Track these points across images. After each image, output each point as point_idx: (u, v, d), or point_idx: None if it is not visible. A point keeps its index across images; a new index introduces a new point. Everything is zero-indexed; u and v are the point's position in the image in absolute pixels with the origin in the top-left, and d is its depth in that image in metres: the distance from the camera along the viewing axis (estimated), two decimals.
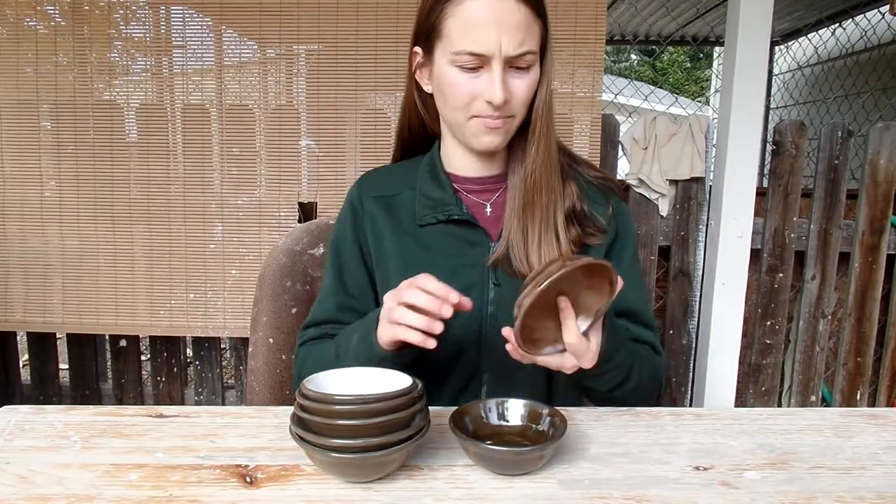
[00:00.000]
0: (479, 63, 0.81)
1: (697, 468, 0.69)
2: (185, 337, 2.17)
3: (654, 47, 5.77)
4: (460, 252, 0.91)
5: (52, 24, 1.84)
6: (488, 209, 0.94)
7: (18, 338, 2.24)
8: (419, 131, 0.99)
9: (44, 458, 0.69)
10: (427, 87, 0.90)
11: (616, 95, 2.93)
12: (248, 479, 0.65)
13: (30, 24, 1.85)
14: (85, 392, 2.19)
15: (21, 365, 2.28)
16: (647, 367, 0.89)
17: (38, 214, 1.90)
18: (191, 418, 0.79)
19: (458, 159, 0.94)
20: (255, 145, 1.87)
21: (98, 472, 0.66)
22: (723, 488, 0.65)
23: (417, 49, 0.88)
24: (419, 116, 0.96)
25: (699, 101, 9.18)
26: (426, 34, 0.85)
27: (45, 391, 2.20)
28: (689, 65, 12.73)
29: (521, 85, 0.83)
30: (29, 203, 1.89)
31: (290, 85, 1.88)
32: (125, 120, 1.87)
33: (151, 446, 0.72)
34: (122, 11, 1.85)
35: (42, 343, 2.16)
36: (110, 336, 2.14)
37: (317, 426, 0.62)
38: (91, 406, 0.82)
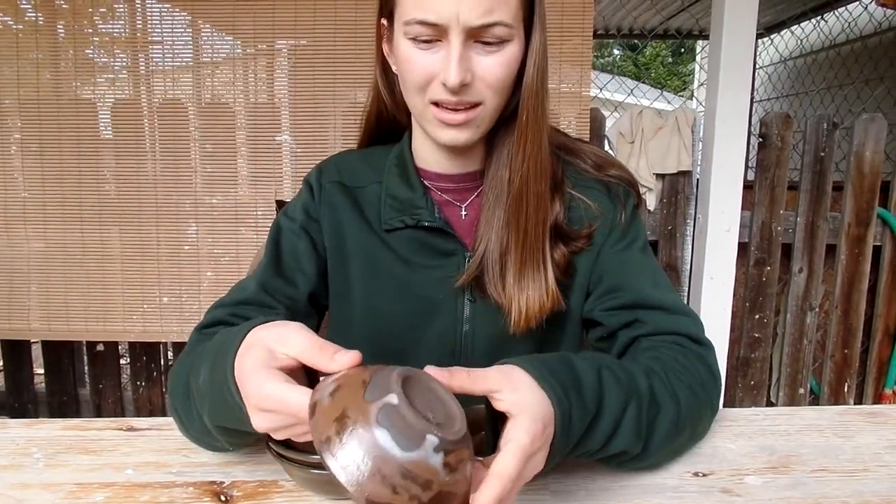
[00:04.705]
0: (435, 35, 0.66)
1: (696, 474, 0.66)
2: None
3: (637, 41, 5.76)
4: (431, 263, 0.79)
5: (26, 19, 1.77)
6: (463, 212, 0.81)
7: None
8: (389, 119, 0.84)
9: (3, 478, 0.64)
10: (395, 67, 0.76)
11: (601, 89, 2.91)
12: (222, 498, 0.61)
13: (2, 19, 1.78)
14: (62, 398, 2.13)
15: None
16: (671, 384, 0.65)
17: (1, 215, 1.83)
18: (163, 431, 0.74)
19: (429, 153, 0.80)
20: (233, 142, 1.82)
21: (61, 493, 0.62)
22: (723, 495, 0.62)
23: (383, 20, 0.75)
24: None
25: (682, 96, 9.22)
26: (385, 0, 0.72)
27: (20, 398, 2.14)
28: (671, 59, 12.78)
29: (490, 64, 0.68)
30: None
31: (269, 81, 1.83)
32: (98, 117, 1.81)
33: (120, 462, 0.68)
34: (98, 7, 1.79)
35: (16, 349, 2.10)
36: (87, 341, 2.08)
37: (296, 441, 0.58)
38: (57, 419, 0.78)
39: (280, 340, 0.52)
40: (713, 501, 0.61)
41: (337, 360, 0.49)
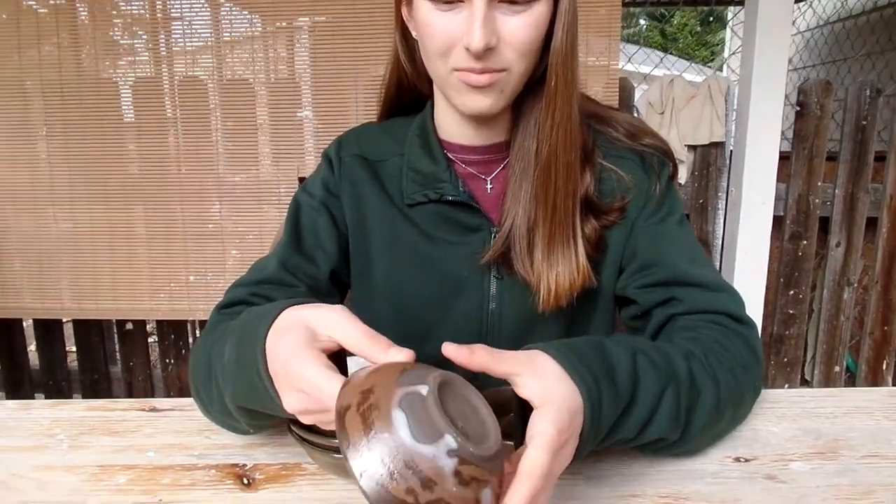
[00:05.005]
0: None
1: (738, 459, 0.63)
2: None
3: (664, 10, 5.57)
4: (456, 239, 0.76)
5: (49, 2, 1.76)
6: (489, 185, 0.77)
7: (25, 325, 2.21)
8: (410, 89, 0.80)
9: (27, 460, 0.64)
10: (414, 32, 0.72)
11: (630, 59, 2.81)
12: (244, 481, 0.60)
13: (26, 2, 1.78)
14: (94, 376, 2.17)
15: (30, 351, 2.25)
16: (711, 367, 0.62)
17: (30, 197, 1.84)
18: (186, 412, 0.73)
19: (452, 124, 0.76)
20: (254, 120, 1.80)
21: (84, 476, 0.61)
22: (768, 482, 0.59)
23: None
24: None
25: (710, 67, 8.95)
26: None
27: (53, 376, 2.18)
28: (699, 29, 12.40)
29: (518, 26, 0.63)
30: (19, 185, 1.84)
31: (289, 58, 1.80)
32: (120, 97, 1.80)
33: (142, 444, 0.67)
34: None
35: (48, 328, 2.13)
36: (116, 319, 2.10)
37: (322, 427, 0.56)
38: (81, 400, 0.77)
39: (324, 323, 0.49)
40: (757, 489, 0.58)
41: (391, 355, 0.46)
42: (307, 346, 0.48)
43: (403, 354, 0.46)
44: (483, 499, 0.40)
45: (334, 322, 0.49)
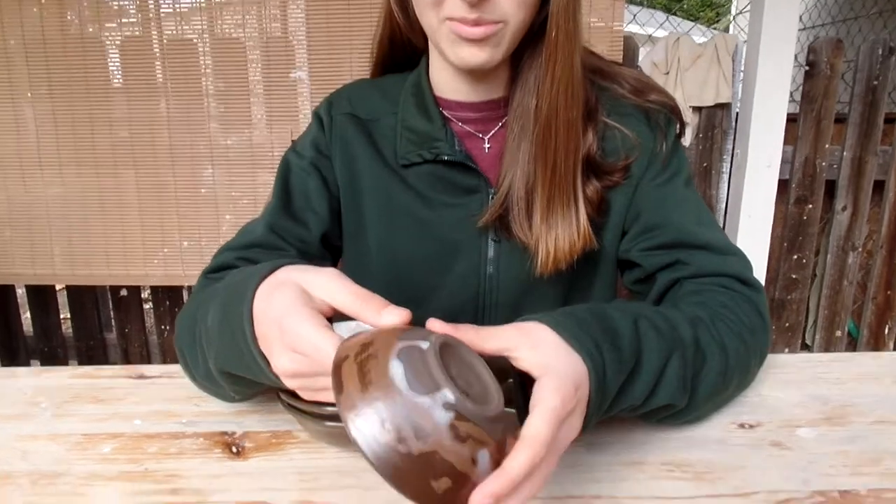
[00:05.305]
0: None
1: (743, 426, 0.61)
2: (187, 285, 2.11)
3: None
4: (452, 200, 0.73)
5: None
6: (486, 145, 0.74)
7: (19, 292, 2.19)
8: (404, 44, 0.76)
9: (10, 429, 0.62)
10: None
11: (634, 18, 2.73)
12: (233, 449, 0.58)
13: None
14: (90, 342, 2.16)
15: (25, 319, 2.24)
16: (719, 332, 0.59)
17: (17, 161, 1.80)
18: (174, 379, 0.71)
19: (448, 79, 0.72)
20: (246, 82, 1.74)
21: (68, 445, 0.59)
22: (774, 449, 0.57)
23: None
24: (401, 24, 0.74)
25: (716, 29, 8.76)
26: None
27: (49, 343, 2.17)
28: None
29: None
30: (5, 148, 1.79)
31: (282, 16, 1.74)
32: (107, 58, 1.75)
33: (129, 412, 0.65)
34: None
35: (41, 294, 2.11)
36: (110, 286, 2.08)
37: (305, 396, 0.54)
38: (66, 367, 0.75)
39: (316, 284, 0.46)
40: (763, 456, 0.56)
41: (385, 316, 0.43)
42: (303, 305, 0.45)
43: (398, 314, 0.43)
44: (480, 460, 0.38)
45: (325, 282, 0.46)
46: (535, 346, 0.45)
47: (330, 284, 0.46)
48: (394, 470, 0.36)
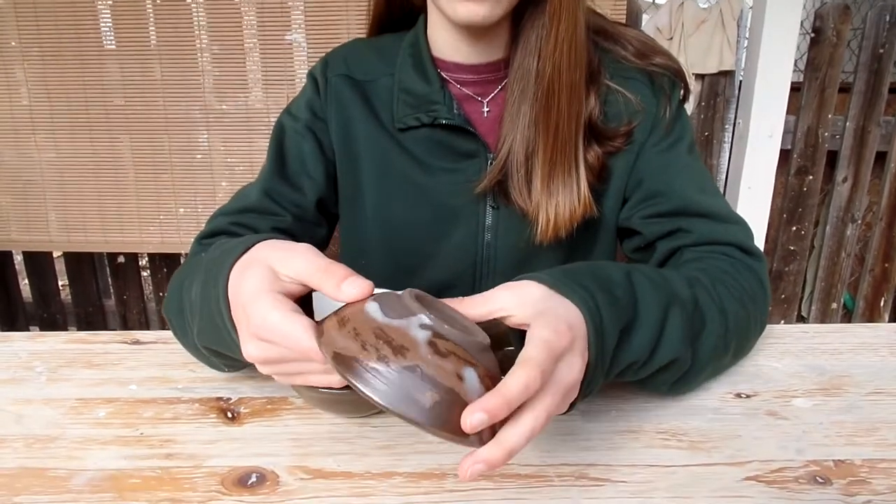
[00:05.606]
0: None
1: (739, 395, 0.61)
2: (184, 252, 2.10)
3: None
4: (450, 165, 0.71)
5: None
6: (486, 108, 0.72)
7: (17, 259, 2.18)
8: (401, 1, 0.75)
9: (4, 393, 0.62)
10: None
11: None
12: (229, 415, 0.58)
13: None
14: (88, 309, 2.16)
15: (24, 285, 2.23)
16: (719, 296, 0.58)
17: (9, 125, 1.77)
18: (169, 344, 0.71)
19: (446, 39, 0.70)
20: (241, 44, 1.70)
21: (62, 409, 0.59)
22: (769, 418, 0.57)
23: None
24: None
25: None
26: None
27: (48, 309, 2.17)
28: None
29: None
30: None
31: None
32: (99, 20, 1.70)
33: (124, 377, 0.64)
34: None
35: (38, 261, 2.10)
36: (108, 253, 2.07)
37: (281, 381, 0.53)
38: (61, 332, 0.75)
39: (284, 261, 0.45)
40: (758, 425, 0.56)
41: (344, 290, 0.41)
42: (269, 290, 0.43)
43: (359, 285, 0.42)
44: (466, 376, 0.38)
45: (290, 259, 0.44)
46: (524, 300, 0.44)
47: (295, 260, 0.44)
48: (379, 388, 0.36)
